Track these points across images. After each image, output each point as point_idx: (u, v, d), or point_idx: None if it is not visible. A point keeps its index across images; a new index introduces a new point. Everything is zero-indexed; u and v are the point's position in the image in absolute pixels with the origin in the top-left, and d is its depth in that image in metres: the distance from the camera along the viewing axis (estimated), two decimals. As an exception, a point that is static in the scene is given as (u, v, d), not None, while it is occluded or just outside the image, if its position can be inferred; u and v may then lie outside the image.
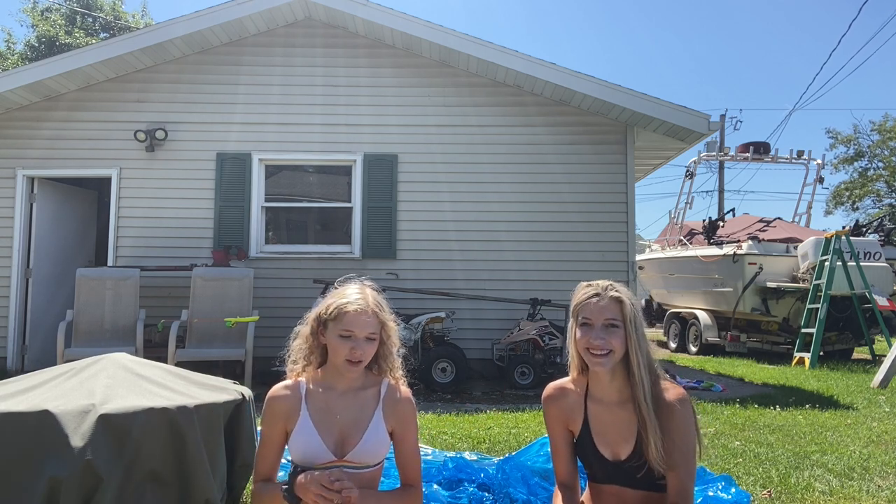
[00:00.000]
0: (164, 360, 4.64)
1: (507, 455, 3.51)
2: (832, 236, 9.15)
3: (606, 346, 1.82)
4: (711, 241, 11.12)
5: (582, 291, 1.91)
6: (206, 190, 7.59)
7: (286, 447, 1.95)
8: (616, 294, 1.85)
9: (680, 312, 12.00)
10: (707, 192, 26.23)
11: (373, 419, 1.92)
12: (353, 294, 1.90)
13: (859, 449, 4.11)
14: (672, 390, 1.86)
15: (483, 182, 7.70)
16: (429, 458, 3.44)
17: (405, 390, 2.00)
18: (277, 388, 1.95)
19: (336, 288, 1.98)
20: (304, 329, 1.96)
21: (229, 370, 6.62)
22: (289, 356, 2.00)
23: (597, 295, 1.86)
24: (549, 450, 3.18)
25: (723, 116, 22.56)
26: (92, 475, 2.04)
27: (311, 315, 1.95)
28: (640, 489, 1.88)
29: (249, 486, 2.11)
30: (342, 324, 1.84)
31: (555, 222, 7.66)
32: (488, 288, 7.46)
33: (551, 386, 2.06)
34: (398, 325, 2.02)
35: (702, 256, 10.90)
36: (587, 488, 2.04)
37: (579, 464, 2.05)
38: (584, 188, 7.72)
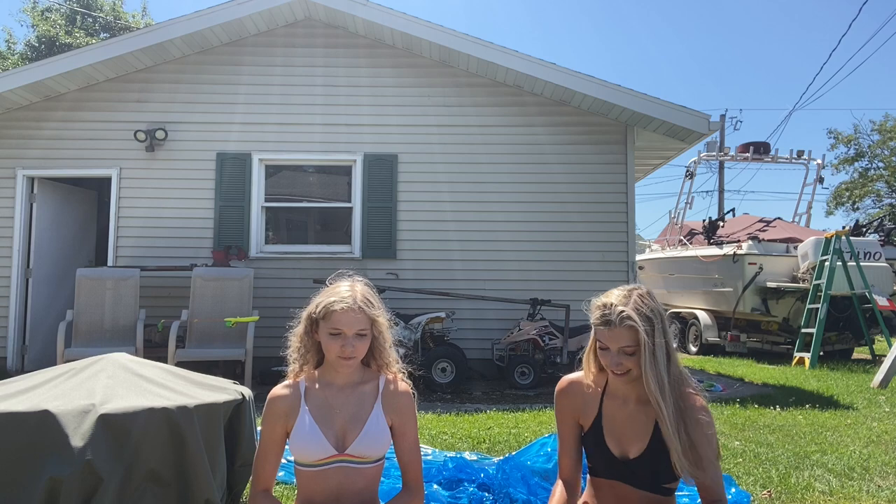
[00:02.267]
0: (164, 360, 4.64)
1: (507, 455, 3.51)
2: (832, 236, 9.15)
3: (623, 369, 1.84)
4: (711, 241, 11.12)
5: (597, 312, 1.86)
6: (206, 190, 7.59)
7: (286, 448, 1.96)
8: (630, 324, 1.79)
9: (680, 312, 12.00)
10: (707, 192, 26.26)
11: (372, 412, 1.92)
12: (341, 292, 1.91)
13: (859, 449, 4.11)
14: (695, 398, 1.85)
15: (483, 182, 7.69)
16: (429, 458, 3.44)
17: (403, 384, 2.00)
18: (277, 389, 1.97)
19: (327, 285, 1.98)
20: (298, 328, 1.97)
21: (229, 370, 6.62)
22: (290, 356, 2.01)
23: (609, 322, 1.82)
24: (548, 450, 3.20)
25: (723, 116, 22.55)
26: (92, 475, 2.04)
27: (304, 314, 1.96)
28: (643, 490, 1.87)
29: (249, 487, 2.12)
30: (331, 322, 1.85)
31: (555, 222, 7.66)
32: (488, 288, 7.46)
33: (565, 379, 2.06)
34: (397, 324, 2.03)
35: (702, 256, 10.90)
36: (588, 484, 2.04)
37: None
38: (584, 188, 7.72)
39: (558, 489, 2.01)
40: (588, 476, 2.04)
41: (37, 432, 2.07)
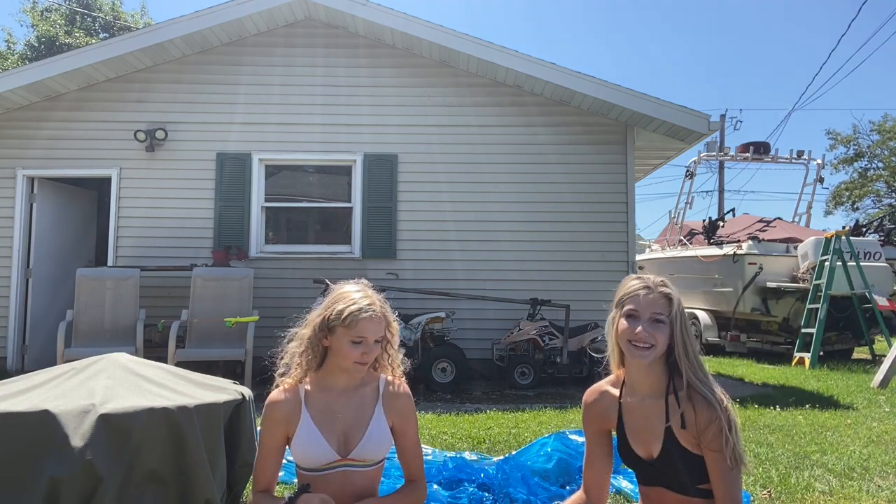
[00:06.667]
0: (164, 360, 4.64)
1: (507, 455, 3.51)
2: (832, 236, 9.15)
3: (651, 340, 1.78)
4: (711, 241, 11.12)
5: (631, 282, 1.87)
6: (206, 190, 7.59)
7: (289, 450, 1.95)
8: (666, 291, 1.82)
9: (680, 312, 11.98)
10: (707, 192, 26.20)
11: (374, 415, 1.93)
12: (362, 299, 1.88)
13: (859, 449, 4.11)
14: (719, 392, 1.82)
15: (483, 182, 7.69)
16: (429, 458, 3.44)
17: (403, 385, 2.01)
18: (276, 394, 1.95)
19: (332, 287, 1.98)
20: (304, 331, 1.94)
21: (229, 370, 6.62)
22: (281, 358, 1.99)
23: (647, 287, 1.83)
24: (548, 450, 3.20)
25: (723, 116, 22.62)
26: (92, 475, 2.04)
27: (314, 318, 1.92)
28: (680, 493, 1.82)
29: (249, 487, 2.12)
30: (356, 330, 1.83)
31: (555, 222, 7.66)
32: (488, 288, 7.46)
33: (590, 390, 2.03)
34: (399, 325, 2.03)
35: (702, 256, 10.90)
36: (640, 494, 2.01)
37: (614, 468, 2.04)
38: (584, 188, 7.72)
39: (574, 498, 1.98)
40: (638, 485, 2.01)
41: (37, 432, 2.07)
